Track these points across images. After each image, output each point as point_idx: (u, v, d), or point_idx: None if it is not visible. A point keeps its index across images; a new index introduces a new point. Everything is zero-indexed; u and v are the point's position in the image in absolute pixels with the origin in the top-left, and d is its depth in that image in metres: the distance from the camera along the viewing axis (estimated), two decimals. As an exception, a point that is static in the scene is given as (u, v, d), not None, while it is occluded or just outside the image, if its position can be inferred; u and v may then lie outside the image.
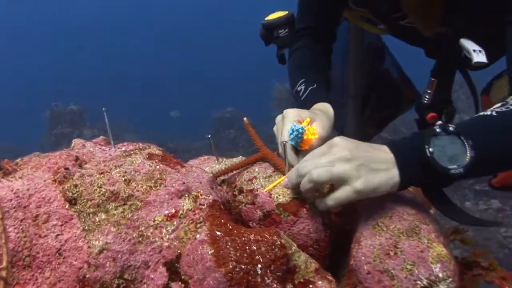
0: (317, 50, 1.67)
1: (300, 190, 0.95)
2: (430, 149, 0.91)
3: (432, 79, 1.54)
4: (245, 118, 1.21)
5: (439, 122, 1.48)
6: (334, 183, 0.92)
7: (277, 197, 0.97)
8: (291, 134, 1.06)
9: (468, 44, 1.27)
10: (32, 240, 0.79)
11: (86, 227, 0.79)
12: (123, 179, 0.83)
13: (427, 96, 1.58)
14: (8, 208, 0.80)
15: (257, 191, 0.98)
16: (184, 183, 0.86)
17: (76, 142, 0.99)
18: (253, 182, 1.01)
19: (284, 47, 2.04)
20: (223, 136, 8.57)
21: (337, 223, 1.05)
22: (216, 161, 1.17)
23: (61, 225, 0.79)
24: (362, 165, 0.90)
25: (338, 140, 0.93)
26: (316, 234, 0.95)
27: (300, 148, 1.08)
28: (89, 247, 0.78)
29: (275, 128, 1.21)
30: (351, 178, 0.89)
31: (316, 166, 0.91)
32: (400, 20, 1.51)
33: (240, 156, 1.17)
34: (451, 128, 0.92)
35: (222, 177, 1.08)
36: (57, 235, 0.79)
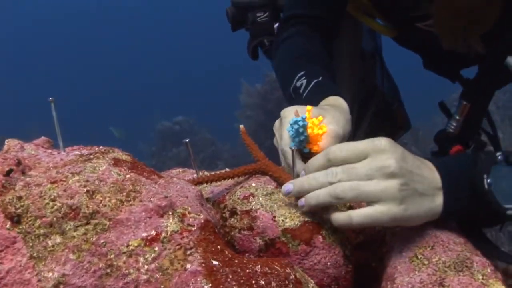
0: (316, 38, 1.71)
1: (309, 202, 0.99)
2: (488, 180, 0.98)
3: (464, 102, 1.64)
4: (241, 126, 1.23)
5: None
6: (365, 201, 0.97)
7: (283, 220, 0.99)
8: (290, 131, 1.08)
9: None
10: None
11: (35, 254, 0.80)
12: (85, 190, 0.84)
13: (454, 124, 1.69)
14: None
15: (256, 212, 1.01)
16: (166, 197, 0.88)
17: (11, 143, 0.99)
18: (250, 200, 1.03)
19: (260, 36, 2.08)
20: (170, 156, 8.55)
21: (360, 258, 1.08)
22: (195, 175, 1.19)
23: (1, 251, 0.79)
24: (406, 184, 0.94)
25: (385, 142, 0.96)
26: (335, 270, 0.98)
27: (308, 149, 1.10)
28: (39, 280, 0.78)
29: (275, 140, 1.24)
30: (389, 200, 0.94)
31: (349, 176, 0.95)
32: (418, 20, 1.60)
33: (227, 169, 1.19)
34: None
35: (206, 194, 1.10)
36: (-5, 264, 0.79)
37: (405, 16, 1.62)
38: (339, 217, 0.97)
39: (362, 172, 0.94)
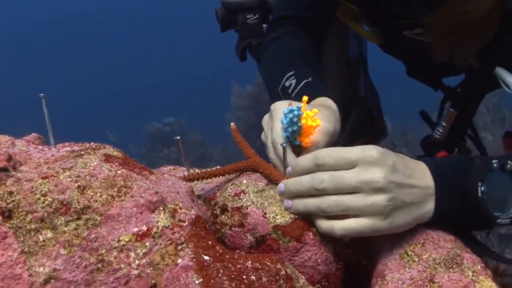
0: (306, 40, 1.71)
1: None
2: (483, 188, 0.98)
3: (452, 110, 1.67)
4: (232, 124, 1.23)
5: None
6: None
7: (273, 217, 1.00)
8: (283, 120, 1.08)
9: (508, 76, 1.44)
10: None
11: (26, 249, 0.80)
12: (76, 185, 0.85)
13: (440, 130, 1.74)
14: None
15: (247, 209, 1.01)
16: (157, 192, 0.88)
17: (2, 139, 0.99)
18: (241, 197, 1.04)
19: (249, 38, 2.09)
20: (161, 156, 8.55)
21: (350, 256, 1.09)
22: (186, 172, 1.20)
23: (-9, 246, 0.80)
24: (394, 199, 0.94)
25: (376, 154, 0.95)
26: (325, 267, 0.99)
27: (299, 142, 1.10)
28: (30, 275, 0.78)
29: (263, 135, 1.24)
30: (375, 215, 0.95)
31: (335, 186, 0.95)
32: (406, 28, 1.62)
33: (218, 166, 1.20)
34: (509, 166, 0.99)
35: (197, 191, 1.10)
36: (-15, 259, 0.79)
37: (393, 23, 1.64)
38: (322, 225, 0.98)
39: (350, 183, 0.94)
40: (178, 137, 1.13)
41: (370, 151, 0.96)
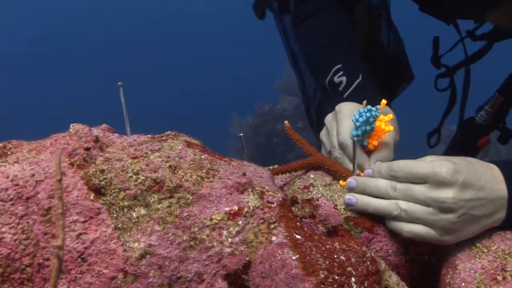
0: (342, 15, 1.62)
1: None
2: None
3: (498, 95, 1.64)
4: (286, 122, 1.20)
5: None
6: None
7: (344, 208, 0.99)
8: (358, 119, 1.05)
9: None
10: (38, 243, 0.78)
11: (120, 225, 0.79)
12: (167, 165, 0.84)
13: (484, 115, 1.67)
14: (2, 200, 0.79)
15: (318, 201, 1.00)
16: (244, 174, 0.87)
17: (77, 126, 0.98)
18: (310, 190, 1.03)
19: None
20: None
21: (412, 252, 1.08)
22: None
23: (85, 222, 0.79)
24: (463, 215, 0.93)
25: (445, 173, 0.93)
26: (396, 258, 0.98)
27: (367, 143, 1.09)
28: (125, 250, 0.77)
29: (323, 132, 1.22)
30: (443, 229, 0.94)
31: (406, 199, 0.95)
32: None
33: (276, 165, 1.19)
34: None
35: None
36: (79, 234, 0.78)
37: None
38: (391, 223, 0.98)
39: (419, 197, 0.94)
40: (241, 134, 1.12)
41: (440, 168, 0.93)
